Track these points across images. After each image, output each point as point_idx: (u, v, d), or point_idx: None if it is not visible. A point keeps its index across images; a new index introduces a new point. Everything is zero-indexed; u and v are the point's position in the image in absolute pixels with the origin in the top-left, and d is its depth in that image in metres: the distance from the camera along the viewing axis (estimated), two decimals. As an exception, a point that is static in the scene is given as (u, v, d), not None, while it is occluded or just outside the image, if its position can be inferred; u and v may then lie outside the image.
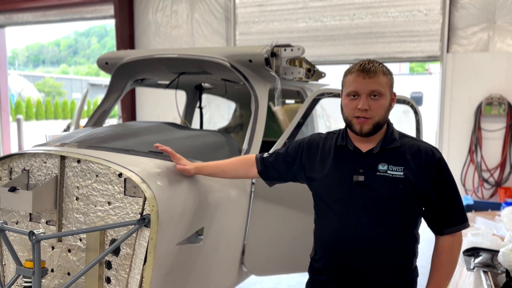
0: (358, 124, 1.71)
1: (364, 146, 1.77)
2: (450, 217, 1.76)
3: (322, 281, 1.84)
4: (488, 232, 3.16)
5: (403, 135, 1.83)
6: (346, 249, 1.75)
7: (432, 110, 9.11)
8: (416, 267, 1.85)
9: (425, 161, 1.72)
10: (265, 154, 2.11)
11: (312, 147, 1.93)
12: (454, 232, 1.76)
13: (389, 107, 1.76)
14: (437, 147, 7.51)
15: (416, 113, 3.30)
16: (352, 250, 1.74)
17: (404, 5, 7.52)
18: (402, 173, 1.70)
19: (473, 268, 2.77)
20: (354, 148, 1.78)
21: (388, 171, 1.71)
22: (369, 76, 1.68)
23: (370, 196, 1.71)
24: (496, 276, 2.66)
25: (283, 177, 2.06)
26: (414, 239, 1.80)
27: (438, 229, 1.79)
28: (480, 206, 5.99)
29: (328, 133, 1.96)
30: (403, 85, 12.68)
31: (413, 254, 1.81)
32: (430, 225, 1.82)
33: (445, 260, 1.78)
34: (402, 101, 3.34)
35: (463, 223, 1.78)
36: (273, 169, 2.05)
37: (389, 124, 1.82)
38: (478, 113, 7.10)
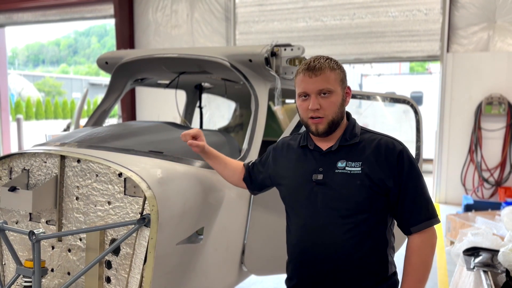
0: (313, 124, 1.68)
1: (325, 145, 1.72)
2: (416, 214, 1.64)
3: (292, 286, 1.78)
4: (488, 232, 3.15)
5: (365, 130, 1.75)
6: (311, 253, 1.68)
7: (432, 110, 9.11)
8: (394, 275, 1.73)
9: (385, 154, 1.64)
10: (250, 163, 2.09)
11: (277, 151, 1.91)
12: (421, 229, 1.63)
13: (343, 103, 1.69)
14: (437, 146, 7.56)
15: (416, 112, 3.30)
16: (316, 254, 1.67)
17: (404, 4, 7.52)
18: (359, 169, 1.63)
19: (473, 268, 2.77)
20: (314, 147, 1.74)
21: (346, 168, 1.65)
22: (315, 75, 1.64)
23: (329, 195, 1.65)
24: (496, 275, 2.65)
25: (258, 186, 2.05)
26: (384, 242, 1.69)
27: (405, 228, 1.67)
28: (480, 206, 5.99)
29: (294, 134, 1.93)
30: (403, 85, 12.67)
31: (386, 259, 1.69)
32: (398, 224, 1.71)
33: (415, 262, 1.64)
34: (402, 100, 3.33)
35: (431, 219, 1.64)
36: (253, 178, 2.05)
37: (350, 119, 1.76)
38: (478, 113, 7.10)
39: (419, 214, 1.64)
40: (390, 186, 1.63)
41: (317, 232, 1.67)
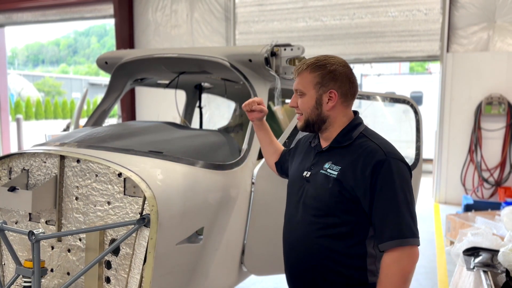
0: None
1: (324, 143, 1.76)
2: (384, 231, 1.54)
3: (286, 276, 1.86)
4: (488, 232, 3.15)
5: (363, 135, 1.68)
6: (290, 246, 1.78)
7: (432, 110, 9.11)
8: (374, 285, 1.63)
9: (362, 162, 1.58)
10: (287, 149, 2.15)
11: (298, 144, 1.98)
12: (388, 248, 1.53)
13: (318, 106, 1.68)
14: (437, 146, 7.55)
15: (416, 112, 3.30)
16: (293, 246, 1.75)
17: (404, 4, 7.52)
18: (336, 173, 1.63)
19: (473, 268, 2.77)
20: (315, 145, 1.80)
21: (328, 170, 1.66)
22: (296, 75, 1.75)
23: (309, 193, 1.71)
24: (496, 276, 2.65)
25: (287, 173, 2.06)
26: (363, 251, 1.63)
27: (376, 243, 1.61)
28: (480, 206, 5.99)
29: None
30: (403, 85, 12.67)
31: (364, 267, 1.63)
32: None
33: (382, 281, 1.55)
34: (402, 100, 3.33)
35: (401, 239, 1.51)
36: (282, 165, 2.12)
37: (352, 121, 1.72)
38: (478, 113, 7.10)
39: (387, 232, 1.53)
40: (359, 196, 1.58)
41: (294, 227, 1.76)
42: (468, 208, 5.98)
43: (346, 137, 1.69)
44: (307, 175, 1.73)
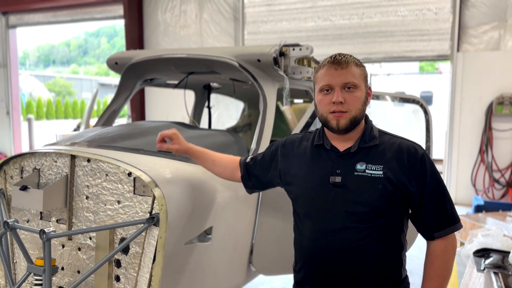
0: (334, 119, 1.60)
1: (342, 145, 1.65)
2: (440, 219, 1.61)
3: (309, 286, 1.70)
4: (498, 233, 3.13)
5: (383, 133, 1.70)
6: (326, 257, 1.62)
7: (442, 110, 9.04)
8: (406, 278, 1.70)
9: (407, 158, 1.59)
10: (248, 159, 1.99)
11: (287, 149, 1.82)
12: (446, 235, 1.61)
13: (366, 101, 1.64)
14: (447, 147, 7.48)
15: (426, 112, 3.28)
16: (332, 258, 1.61)
17: (414, 3, 7.47)
18: (381, 172, 1.57)
19: (484, 269, 2.74)
20: (331, 147, 1.67)
21: (367, 171, 1.58)
22: (341, 67, 1.59)
23: (348, 198, 1.58)
24: (507, 277, 2.63)
25: (262, 184, 1.95)
26: (400, 247, 1.66)
27: (428, 233, 1.63)
28: (491, 207, 5.92)
29: (305, 133, 1.85)
30: (413, 84, 12.59)
31: (400, 263, 1.66)
32: (419, 229, 1.66)
33: (438, 267, 1.61)
34: (412, 100, 3.32)
35: (455, 224, 1.62)
36: (253, 175, 1.95)
37: (368, 121, 1.70)
38: (489, 113, 7.03)
39: (444, 220, 1.61)
40: (413, 191, 1.59)
41: (332, 236, 1.61)
42: (478, 209, 5.92)
43: (371, 136, 1.66)
44: (337, 180, 1.60)
